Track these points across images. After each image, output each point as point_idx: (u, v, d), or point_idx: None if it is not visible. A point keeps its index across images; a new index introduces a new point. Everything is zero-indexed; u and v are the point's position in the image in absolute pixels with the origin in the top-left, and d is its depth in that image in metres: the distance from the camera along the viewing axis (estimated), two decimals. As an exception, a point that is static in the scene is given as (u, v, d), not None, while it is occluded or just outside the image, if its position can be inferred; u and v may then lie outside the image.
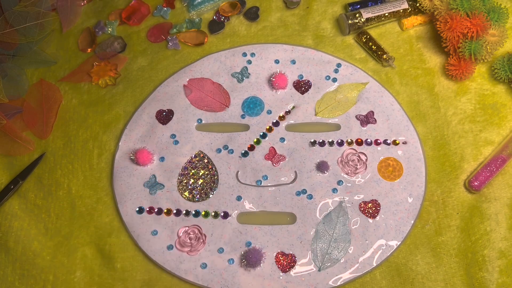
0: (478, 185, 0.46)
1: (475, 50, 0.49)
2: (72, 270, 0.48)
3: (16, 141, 0.54)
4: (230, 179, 0.50)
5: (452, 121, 0.50)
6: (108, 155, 0.52)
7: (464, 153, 0.49)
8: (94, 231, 0.49)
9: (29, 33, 0.57)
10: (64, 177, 0.52)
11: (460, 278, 0.44)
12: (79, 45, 0.59)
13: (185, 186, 0.50)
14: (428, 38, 0.54)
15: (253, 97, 0.53)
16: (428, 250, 0.45)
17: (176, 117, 0.53)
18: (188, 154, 0.51)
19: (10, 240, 0.50)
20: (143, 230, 0.48)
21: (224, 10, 0.59)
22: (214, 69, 0.55)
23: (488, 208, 0.46)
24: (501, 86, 0.51)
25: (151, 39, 0.58)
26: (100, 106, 0.55)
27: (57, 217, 0.50)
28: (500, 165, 0.47)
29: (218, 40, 0.57)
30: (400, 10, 0.55)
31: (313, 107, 0.52)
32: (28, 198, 0.51)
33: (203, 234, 0.47)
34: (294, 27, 0.57)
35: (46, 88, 0.57)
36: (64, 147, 0.54)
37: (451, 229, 0.46)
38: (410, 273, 0.45)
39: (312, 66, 0.54)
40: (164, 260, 0.47)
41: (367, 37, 0.54)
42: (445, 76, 0.52)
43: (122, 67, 0.57)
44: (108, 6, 0.61)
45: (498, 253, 0.44)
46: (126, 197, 0.50)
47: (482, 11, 0.49)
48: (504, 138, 0.49)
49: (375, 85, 0.52)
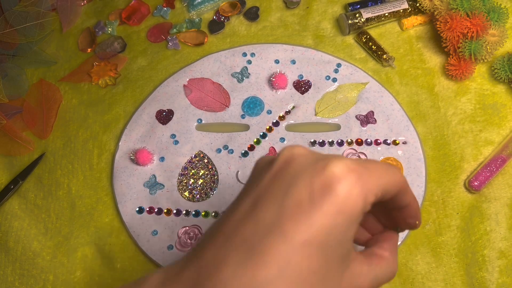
0: (478, 185, 0.46)
1: (475, 50, 0.49)
2: (72, 270, 0.48)
3: (16, 141, 0.54)
4: (230, 179, 0.50)
5: (452, 121, 0.50)
6: (108, 155, 0.52)
7: (464, 153, 0.49)
8: (94, 231, 0.49)
9: (29, 33, 0.57)
10: (64, 177, 0.52)
11: (460, 278, 0.44)
12: (79, 45, 0.59)
13: (185, 186, 0.50)
14: (428, 38, 0.54)
15: (253, 97, 0.53)
16: (428, 250, 0.45)
17: (176, 117, 0.53)
18: (188, 154, 0.51)
19: (10, 240, 0.50)
20: (143, 230, 0.48)
21: (224, 10, 0.59)
22: (214, 69, 0.55)
23: (488, 208, 0.46)
24: (501, 86, 0.51)
25: (151, 39, 0.58)
26: (100, 106, 0.55)
27: (57, 217, 0.50)
28: (500, 165, 0.47)
29: (218, 40, 0.57)
30: (400, 10, 0.55)
31: (313, 107, 0.52)
32: (28, 198, 0.51)
33: (203, 234, 0.47)
34: (294, 27, 0.57)
35: (46, 88, 0.57)
36: (64, 147, 0.54)
37: (451, 229, 0.46)
38: (410, 273, 0.45)
39: (312, 66, 0.54)
40: (164, 260, 0.47)
41: (367, 37, 0.54)
42: (445, 76, 0.52)
43: (122, 67, 0.57)
44: (108, 6, 0.61)
45: (498, 253, 0.44)
46: (126, 197, 0.50)
47: (482, 11, 0.49)
48: (504, 138, 0.49)
49: (375, 85, 0.52)
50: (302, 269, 0.21)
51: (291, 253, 0.21)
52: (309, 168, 0.23)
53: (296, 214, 0.21)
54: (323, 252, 0.21)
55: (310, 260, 0.21)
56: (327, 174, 0.22)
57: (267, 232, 0.21)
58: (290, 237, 0.21)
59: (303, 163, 0.23)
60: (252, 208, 0.23)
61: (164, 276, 0.24)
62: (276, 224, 0.21)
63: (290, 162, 0.24)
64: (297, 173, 0.23)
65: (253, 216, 0.22)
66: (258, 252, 0.21)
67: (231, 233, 0.22)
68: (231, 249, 0.22)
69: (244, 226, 0.22)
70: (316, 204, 0.21)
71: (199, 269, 0.22)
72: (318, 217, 0.21)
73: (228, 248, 0.22)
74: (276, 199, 0.22)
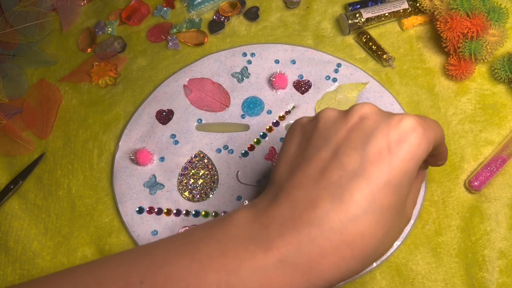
0: (478, 185, 0.46)
1: (475, 50, 0.49)
2: (72, 270, 0.48)
3: (16, 141, 0.54)
4: (230, 179, 0.50)
5: (452, 121, 0.50)
6: (108, 155, 0.52)
7: (464, 153, 0.49)
8: (94, 231, 0.49)
9: (29, 33, 0.57)
10: (64, 177, 0.52)
11: (460, 278, 0.44)
12: (79, 45, 0.59)
13: (185, 186, 0.50)
14: (428, 38, 0.54)
15: (253, 97, 0.53)
16: (428, 250, 0.45)
17: (176, 117, 0.53)
18: (188, 154, 0.51)
19: (10, 240, 0.50)
20: (143, 230, 0.48)
21: (224, 10, 0.59)
22: (214, 69, 0.55)
23: (488, 208, 0.46)
24: (501, 86, 0.51)
25: (151, 39, 0.58)
26: (100, 106, 0.55)
27: (57, 217, 0.50)
28: (500, 165, 0.47)
29: (218, 40, 0.57)
30: (400, 10, 0.55)
31: (313, 107, 0.52)
32: (28, 198, 0.51)
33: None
34: (294, 27, 0.57)
35: (46, 88, 0.57)
36: (64, 147, 0.54)
37: (451, 229, 0.46)
38: (410, 273, 0.45)
39: (312, 66, 0.54)
40: (164, 260, 0.47)
41: (367, 37, 0.54)
42: (445, 76, 0.52)
43: (122, 67, 0.57)
44: (108, 6, 0.61)
45: (498, 253, 0.44)
46: (126, 197, 0.50)
47: (482, 11, 0.49)
48: (504, 138, 0.49)
49: (375, 85, 0.52)
50: (383, 204, 0.25)
51: (375, 192, 0.25)
52: (384, 123, 0.27)
53: (377, 160, 0.26)
54: (399, 190, 0.26)
55: (390, 197, 0.26)
56: (402, 127, 0.26)
57: (353, 175, 0.25)
58: (373, 179, 0.25)
59: (377, 119, 0.27)
60: (334, 156, 0.27)
61: (252, 212, 0.27)
62: (361, 168, 0.26)
63: (364, 118, 0.28)
64: (374, 127, 0.27)
65: (337, 163, 0.26)
66: (348, 192, 0.25)
67: (318, 177, 0.26)
68: (322, 190, 0.26)
69: (331, 171, 0.26)
70: (394, 152, 0.26)
71: (291, 206, 0.26)
72: (395, 162, 0.26)
73: (319, 189, 0.26)
74: (357, 148, 0.26)
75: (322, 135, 0.29)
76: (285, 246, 0.25)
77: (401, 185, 0.26)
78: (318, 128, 0.29)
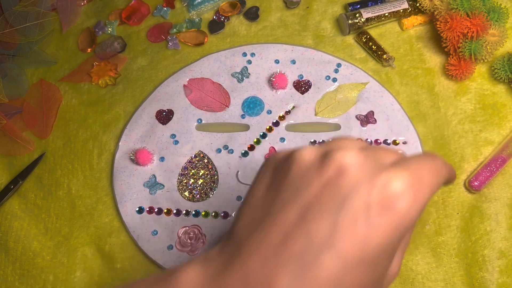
0: (478, 185, 0.46)
1: (475, 50, 0.49)
2: (72, 270, 0.48)
3: (16, 141, 0.54)
4: (230, 179, 0.50)
5: (452, 121, 0.50)
6: (108, 155, 0.52)
7: (464, 153, 0.49)
8: (94, 231, 0.49)
9: (29, 33, 0.57)
10: (64, 177, 0.52)
11: (460, 278, 0.44)
12: (79, 45, 0.59)
13: (185, 186, 0.50)
14: (428, 38, 0.54)
15: (253, 97, 0.53)
16: (428, 250, 0.45)
17: (176, 117, 0.53)
18: (188, 154, 0.51)
19: (10, 240, 0.50)
20: (143, 230, 0.48)
21: (224, 10, 0.59)
22: (214, 69, 0.55)
23: (488, 208, 0.46)
24: (501, 86, 0.51)
25: (151, 39, 0.58)
26: (100, 106, 0.55)
27: (57, 217, 0.50)
28: (500, 165, 0.47)
29: (218, 40, 0.57)
30: (400, 10, 0.55)
31: (313, 107, 0.52)
32: (28, 198, 0.51)
33: (203, 234, 0.47)
34: (294, 27, 0.57)
35: (46, 88, 0.57)
36: (64, 147, 0.54)
37: (451, 229, 0.46)
38: (410, 273, 0.45)
39: (312, 66, 0.54)
40: (164, 260, 0.47)
41: (367, 37, 0.54)
42: (445, 76, 0.52)
43: (122, 67, 0.57)
44: (108, 6, 0.61)
45: (498, 253, 0.44)
46: (126, 197, 0.50)
47: (482, 11, 0.49)
48: (504, 138, 0.49)
49: (375, 85, 0.52)
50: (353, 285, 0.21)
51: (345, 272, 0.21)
52: (366, 183, 0.22)
53: (351, 230, 0.21)
54: (375, 267, 0.22)
55: (362, 277, 0.21)
56: (388, 191, 0.21)
57: (320, 248, 0.21)
58: (344, 255, 0.21)
59: (359, 176, 0.22)
60: (302, 220, 0.22)
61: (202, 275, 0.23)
62: (330, 241, 0.21)
63: (343, 171, 0.23)
64: (352, 186, 0.22)
65: (304, 230, 0.22)
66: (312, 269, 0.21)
67: (279, 245, 0.22)
68: (281, 263, 0.21)
69: (295, 240, 0.21)
70: (373, 222, 0.21)
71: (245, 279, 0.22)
72: (374, 236, 0.21)
73: (278, 262, 0.21)
74: (329, 213, 0.22)
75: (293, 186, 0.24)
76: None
77: (378, 262, 0.22)
78: (290, 174, 0.25)
